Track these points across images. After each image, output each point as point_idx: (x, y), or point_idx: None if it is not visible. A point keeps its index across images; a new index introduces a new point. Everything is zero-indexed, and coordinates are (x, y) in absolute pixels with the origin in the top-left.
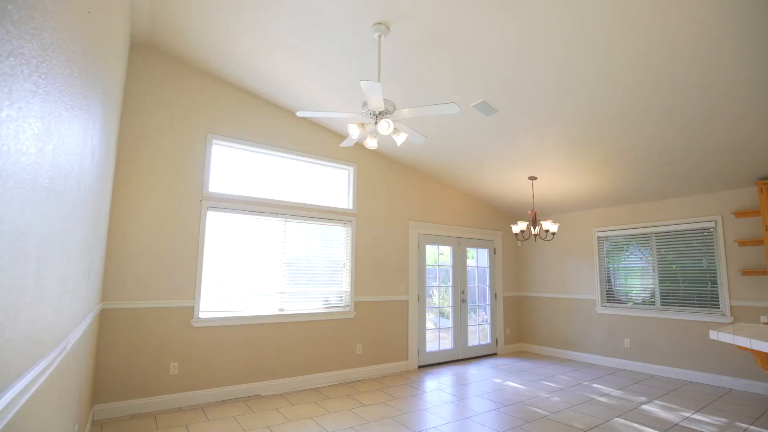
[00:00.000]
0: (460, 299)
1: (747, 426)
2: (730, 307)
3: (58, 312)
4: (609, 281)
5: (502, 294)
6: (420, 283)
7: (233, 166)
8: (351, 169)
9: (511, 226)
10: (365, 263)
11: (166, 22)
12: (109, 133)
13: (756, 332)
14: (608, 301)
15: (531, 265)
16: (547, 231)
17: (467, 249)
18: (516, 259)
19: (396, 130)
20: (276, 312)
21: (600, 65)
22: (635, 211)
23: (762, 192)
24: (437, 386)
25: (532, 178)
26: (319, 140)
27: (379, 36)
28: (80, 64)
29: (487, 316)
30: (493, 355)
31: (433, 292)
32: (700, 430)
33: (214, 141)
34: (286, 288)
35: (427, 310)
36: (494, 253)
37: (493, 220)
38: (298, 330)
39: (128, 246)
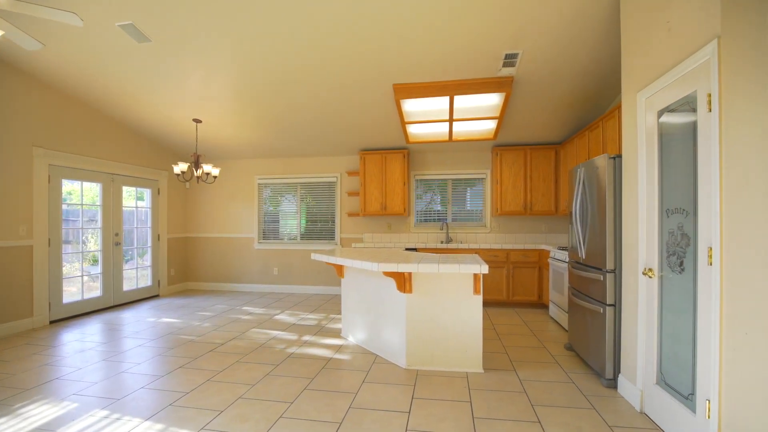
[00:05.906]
0: (114, 242)
1: (335, 316)
2: (341, 238)
3: None
4: (268, 222)
5: (167, 236)
6: (53, 224)
7: None
8: None
9: (173, 166)
10: None
11: None
12: None
13: (339, 253)
14: (264, 238)
15: (199, 207)
16: (208, 174)
17: (124, 188)
18: (184, 201)
19: None
20: None
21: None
22: (289, 165)
23: (361, 159)
24: (77, 338)
25: (197, 121)
26: None
27: None
28: None
29: (149, 259)
30: (155, 296)
31: (78, 234)
32: (307, 324)
33: None
34: None
35: (69, 255)
36: (158, 193)
37: (158, 159)
38: None
39: None
